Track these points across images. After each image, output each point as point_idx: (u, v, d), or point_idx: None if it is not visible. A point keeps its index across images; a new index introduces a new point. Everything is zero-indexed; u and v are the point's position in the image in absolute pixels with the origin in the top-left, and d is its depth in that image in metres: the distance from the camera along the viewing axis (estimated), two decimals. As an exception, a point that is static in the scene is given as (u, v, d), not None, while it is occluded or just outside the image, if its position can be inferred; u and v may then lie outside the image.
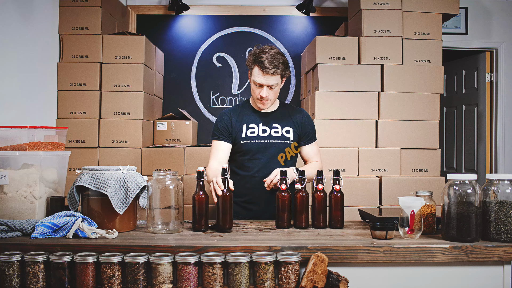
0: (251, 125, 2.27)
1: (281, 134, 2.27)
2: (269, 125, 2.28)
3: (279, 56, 2.14)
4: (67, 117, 3.22)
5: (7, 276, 1.53)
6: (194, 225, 1.87)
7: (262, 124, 2.28)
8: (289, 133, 2.28)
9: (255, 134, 2.26)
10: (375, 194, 3.13)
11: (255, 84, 2.18)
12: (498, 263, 1.63)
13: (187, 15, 4.17)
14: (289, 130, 2.29)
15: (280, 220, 1.93)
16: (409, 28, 3.29)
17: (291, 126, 2.30)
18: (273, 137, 2.26)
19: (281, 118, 2.30)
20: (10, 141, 1.93)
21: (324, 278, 1.50)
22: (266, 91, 2.17)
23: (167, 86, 4.15)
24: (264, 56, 2.12)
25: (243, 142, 2.26)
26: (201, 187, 1.86)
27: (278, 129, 2.27)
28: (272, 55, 2.12)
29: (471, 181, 1.66)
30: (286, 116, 2.31)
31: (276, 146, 2.26)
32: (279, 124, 2.28)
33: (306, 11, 4.05)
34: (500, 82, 4.23)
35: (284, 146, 2.27)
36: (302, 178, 1.93)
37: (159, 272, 1.50)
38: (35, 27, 2.95)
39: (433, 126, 3.26)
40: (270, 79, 2.14)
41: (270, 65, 2.11)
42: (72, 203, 1.87)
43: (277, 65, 2.12)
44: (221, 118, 2.30)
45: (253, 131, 2.26)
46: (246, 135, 2.26)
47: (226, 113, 2.32)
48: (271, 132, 2.27)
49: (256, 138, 2.26)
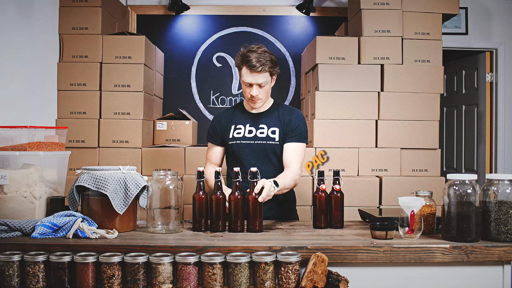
0: (238, 126, 2.29)
1: (266, 135, 2.25)
2: (256, 126, 2.28)
3: (267, 54, 2.15)
4: (67, 117, 3.22)
5: (7, 276, 1.53)
6: (194, 225, 1.87)
7: (249, 125, 2.28)
8: (274, 133, 2.25)
9: (241, 134, 2.27)
10: (375, 194, 3.13)
11: (244, 84, 2.19)
12: (498, 263, 1.63)
13: (187, 15, 4.17)
14: (274, 131, 2.26)
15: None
16: (409, 28, 3.29)
17: (278, 126, 2.26)
18: (258, 138, 2.26)
19: (270, 119, 2.28)
20: (10, 141, 1.93)
21: (324, 278, 1.50)
22: (256, 90, 2.17)
23: (167, 86, 4.15)
24: (252, 55, 2.13)
25: (230, 142, 2.28)
26: (201, 187, 1.87)
27: (264, 130, 2.26)
28: (259, 53, 2.13)
29: (471, 181, 1.66)
30: (275, 117, 2.29)
31: (261, 147, 2.24)
32: (266, 125, 2.27)
33: (306, 11, 4.05)
34: (500, 82, 4.23)
35: (269, 147, 2.24)
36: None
37: (159, 272, 1.50)
38: (35, 27, 2.95)
39: (433, 126, 3.26)
40: (259, 77, 2.14)
41: (257, 63, 2.11)
42: (72, 203, 1.87)
43: (264, 63, 2.12)
44: (213, 121, 2.37)
45: (240, 132, 2.28)
46: (233, 135, 2.28)
47: (217, 116, 2.37)
48: (257, 132, 2.26)
49: (242, 138, 2.26)
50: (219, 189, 1.87)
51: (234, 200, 1.85)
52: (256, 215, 1.85)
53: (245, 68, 2.15)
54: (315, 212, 1.94)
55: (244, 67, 2.16)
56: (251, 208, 1.85)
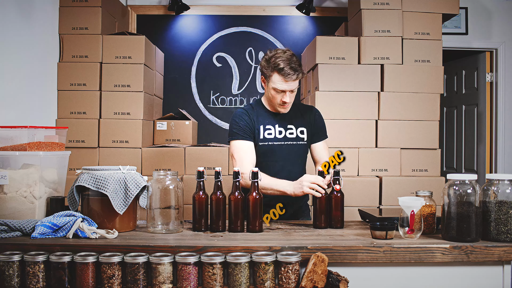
0: (268, 126, 2.24)
1: (296, 135, 2.26)
2: (284, 126, 2.26)
3: (295, 58, 2.13)
4: (67, 117, 3.22)
5: (7, 276, 1.53)
6: (194, 225, 1.87)
7: (278, 126, 2.26)
8: (303, 133, 2.28)
9: (273, 135, 2.24)
10: (375, 194, 3.13)
11: (275, 90, 2.14)
12: (498, 263, 1.63)
13: (187, 15, 4.17)
14: (303, 131, 2.28)
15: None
16: (409, 28, 3.29)
17: (305, 126, 2.29)
18: (288, 139, 2.25)
19: (295, 119, 2.29)
20: (10, 141, 1.93)
21: (324, 278, 1.50)
22: (289, 96, 2.15)
23: (167, 86, 4.15)
24: (282, 62, 2.08)
25: (261, 143, 2.23)
26: (201, 187, 1.87)
27: (293, 130, 2.27)
28: (289, 60, 2.10)
29: (471, 181, 1.66)
30: (299, 116, 2.30)
31: (291, 148, 2.25)
32: (293, 125, 2.27)
33: (306, 11, 4.05)
34: (500, 82, 4.23)
35: (299, 147, 2.26)
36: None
37: (159, 272, 1.50)
38: (35, 27, 2.95)
39: (433, 126, 3.26)
40: (293, 84, 2.12)
41: (291, 71, 2.08)
42: (72, 203, 1.87)
43: (296, 69, 2.09)
44: (241, 117, 2.23)
45: (270, 132, 2.24)
46: (264, 136, 2.23)
47: (244, 112, 2.25)
48: (286, 133, 2.26)
49: (274, 140, 2.24)
50: (219, 189, 1.87)
51: (234, 200, 1.85)
52: (256, 215, 1.85)
53: (277, 75, 2.10)
54: (315, 212, 1.94)
55: (275, 73, 2.11)
56: (251, 208, 1.85)
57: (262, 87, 4.18)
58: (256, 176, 1.86)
